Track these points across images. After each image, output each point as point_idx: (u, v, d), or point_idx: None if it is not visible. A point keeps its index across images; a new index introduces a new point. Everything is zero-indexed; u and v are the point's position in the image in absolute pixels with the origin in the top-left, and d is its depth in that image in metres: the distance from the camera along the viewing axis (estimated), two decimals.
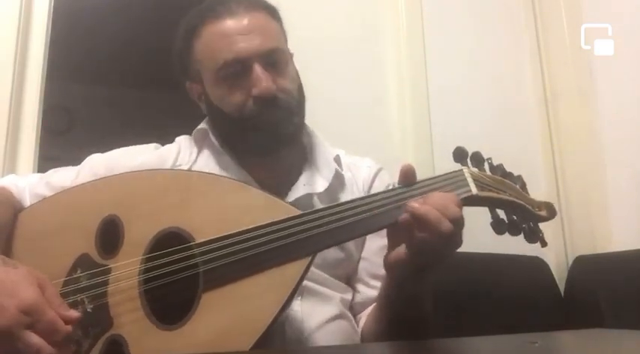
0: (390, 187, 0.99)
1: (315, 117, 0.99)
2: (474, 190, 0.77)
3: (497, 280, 1.49)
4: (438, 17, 1.83)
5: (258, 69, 0.86)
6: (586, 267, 1.59)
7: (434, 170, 1.68)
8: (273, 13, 0.95)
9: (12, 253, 0.82)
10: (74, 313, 0.67)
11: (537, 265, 1.58)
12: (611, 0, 1.77)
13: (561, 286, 1.61)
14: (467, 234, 0.73)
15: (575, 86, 1.81)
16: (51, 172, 0.98)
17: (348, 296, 0.95)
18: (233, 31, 0.88)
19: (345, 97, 1.66)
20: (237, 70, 0.87)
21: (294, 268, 0.70)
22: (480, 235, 0.99)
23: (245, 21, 0.88)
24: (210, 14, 0.90)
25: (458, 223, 0.70)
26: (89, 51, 2.94)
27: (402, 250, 0.72)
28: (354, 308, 0.96)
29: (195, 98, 0.98)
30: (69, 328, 0.65)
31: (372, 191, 0.98)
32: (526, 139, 1.87)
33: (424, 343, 0.74)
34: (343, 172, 0.98)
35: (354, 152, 1.07)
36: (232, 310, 0.69)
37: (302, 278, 0.70)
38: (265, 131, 0.88)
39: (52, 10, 1.46)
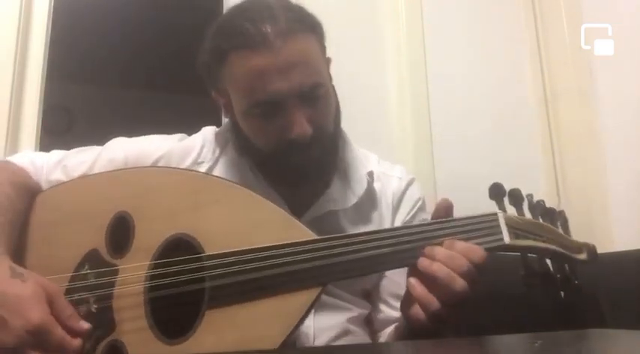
0: (420, 203, 0.96)
1: None
2: (507, 240, 0.71)
3: (498, 280, 1.49)
4: (438, 17, 1.83)
5: (295, 112, 0.79)
6: (586, 267, 1.58)
7: (434, 170, 1.68)
8: (313, 30, 0.84)
9: (26, 241, 0.81)
10: (84, 325, 0.66)
11: None
12: (611, 0, 1.77)
13: None
14: None
15: (575, 86, 1.81)
16: (73, 152, 0.95)
17: (365, 311, 0.92)
18: (269, 68, 0.77)
19: (345, 97, 1.66)
20: (272, 109, 0.80)
21: (302, 297, 0.66)
22: None
23: (283, 55, 0.77)
24: (242, 41, 0.78)
25: (471, 278, 0.66)
26: (89, 51, 2.94)
27: (420, 310, 0.68)
28: (374, 325, 0.93)
29: (220, 105, 0.91)
30: (78, 342, 0.64)
31: (402, 206, 0.95)
32: (526, 139, 1.87)
33: (424, 343, 0.74)
34: (374, 185, 0.93)
35: None
36: (235, 334, 0.67)
37: (311, 308, 0.67)
38: (296, 171, 0.83)
39: (52, 10, 1.46)
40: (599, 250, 1.73)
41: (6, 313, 0.61)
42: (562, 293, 1.59)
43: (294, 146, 0.80)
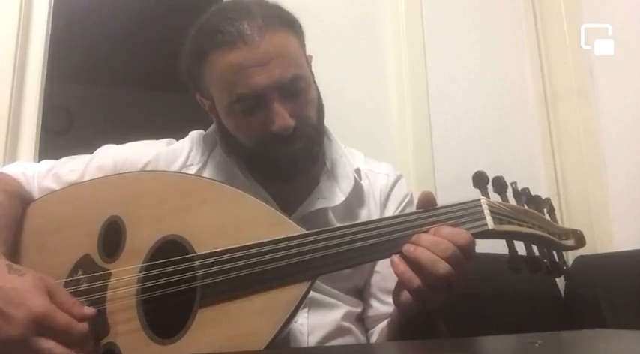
0: (408, 198, 0.98)
1: None
2: (491, 225, 0.72)
3: (498, 280, 1.49)
4: (438, 17, 1.83)
5: (276, 105, 0.79)
6: (586, 267, 1.58)
7: (434, 172, 1.68)
8: (291, 26, 0.84)
9: (20, 248, 0.82)
10: (89, 310, 0.67)
11: None
12: (611, 0, 1.77)
13: (561, 286, 1.61)
14: None
15: (575, 86, 1.81)
16: (63, 161, 0.96)
17: (358, 309, 0.93)
18: (248, 62, 0.78)
19: (345, 97, 1.66)
20: (254, 103, 0.80)
21: (293, 291, 0.67)
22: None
23: (261, 49, 0.78)
24: (221, 39, 0.79)
25: (457, 262, 0.67)
26: (89, 51, 2.94)
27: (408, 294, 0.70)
28: (366, 322, 0.94)
29: (206, 109, 0.92)
30: (85, 325, 0.65)
31: (390, 202, 0.96)
32: (526, 139, 1.87)
33: (424, 344, 0.74)
34: (362, 182, 0.94)
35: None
36: (227, 330, 0.67)
37: (301, 301, 0.68)
38: (282, 164, 0.84)
39: (52, 10, 1.46)
40: (599, 251, 1.74)
41: (7, 306, 0.62)
42: (562, 294, 1.60)
43: (276, 139, 0.81)
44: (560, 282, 1.62)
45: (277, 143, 0.82)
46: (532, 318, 1.46)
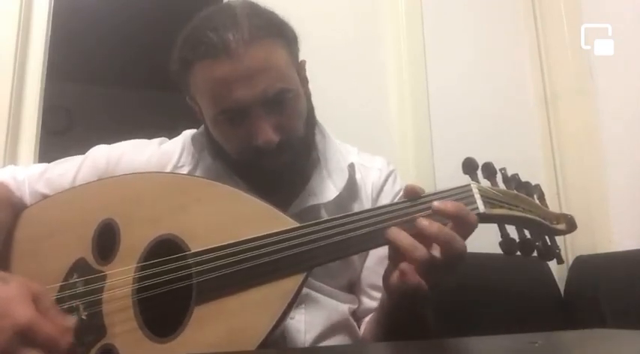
0: (401, 194, 0.98)
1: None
2: (482, 208, 0.73)
3: (497, 280, 1.49)
4: (438, 18, 1.83)
5: (259, 121, 0.79)
6: (586, 267, 1.59)
7: (434, 171, 1.68)
8: (280, 35, 0.82)
9: (13, 255, 0.82)
10: (69, 321, 0.65)
11: (537, 265, 1.58)
12: (611, 0, 1.77)
13: (561, 286, 1.61)
14: None
15: (575, 86, 1.81)
16: (53, 164, 0.96)
17: (354, 305, 0.93)
18: (231, 76, 0.77)
19: (345, 98, 1.66)
20: (237, 116, 0.80)
21: (289, 283, 0.68)
22: (479, 235, 0.98)
23: (245, 62, 0.76)
24: (204, 51, 0.78)
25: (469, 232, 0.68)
26: (89, 51, 2.94)
27: (408, 275, 0.68)
28: (355, 315, 0.94)
29: (196, 110, 0.92)
30: (70, 335, 0.63)
31: (382, 198, 0.96)
32: (526, 139, 1.87)
33: (424, 344, 0.74)
34: (355, 176, 0.94)
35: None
36: (225, 325, 0.67)
37: (297, 294, 0.68)
38: (267, 177, 0.84)
39: (52, 10, 1.46)
40: (599, 251, 1.74)
41: None
42: (562, 294, 1.60)
43: (260, 153, 0.81)
44: (561, 282, 1.62)
45: (260, 157, 0.81)
46: (532, 318, 1.46)
